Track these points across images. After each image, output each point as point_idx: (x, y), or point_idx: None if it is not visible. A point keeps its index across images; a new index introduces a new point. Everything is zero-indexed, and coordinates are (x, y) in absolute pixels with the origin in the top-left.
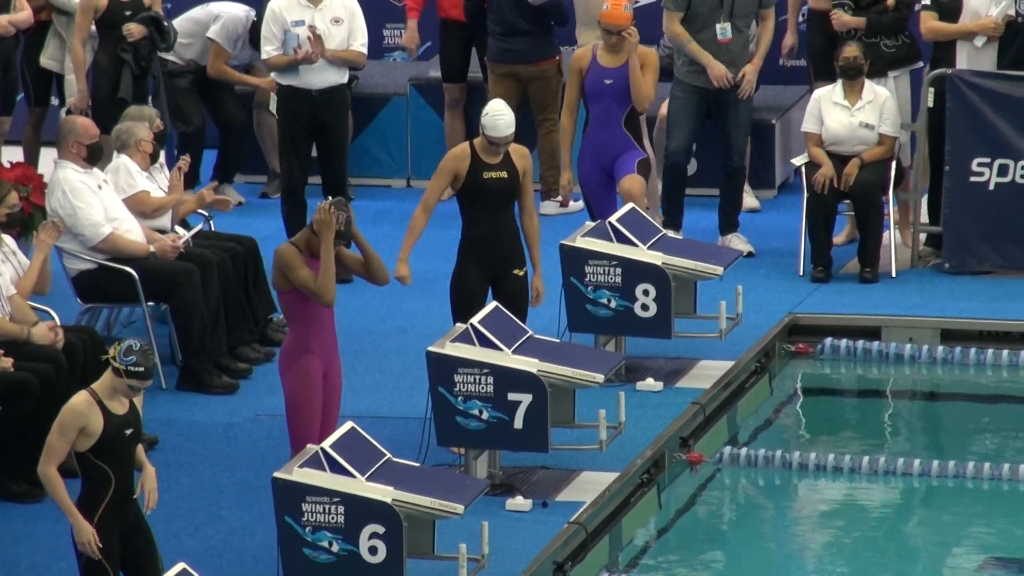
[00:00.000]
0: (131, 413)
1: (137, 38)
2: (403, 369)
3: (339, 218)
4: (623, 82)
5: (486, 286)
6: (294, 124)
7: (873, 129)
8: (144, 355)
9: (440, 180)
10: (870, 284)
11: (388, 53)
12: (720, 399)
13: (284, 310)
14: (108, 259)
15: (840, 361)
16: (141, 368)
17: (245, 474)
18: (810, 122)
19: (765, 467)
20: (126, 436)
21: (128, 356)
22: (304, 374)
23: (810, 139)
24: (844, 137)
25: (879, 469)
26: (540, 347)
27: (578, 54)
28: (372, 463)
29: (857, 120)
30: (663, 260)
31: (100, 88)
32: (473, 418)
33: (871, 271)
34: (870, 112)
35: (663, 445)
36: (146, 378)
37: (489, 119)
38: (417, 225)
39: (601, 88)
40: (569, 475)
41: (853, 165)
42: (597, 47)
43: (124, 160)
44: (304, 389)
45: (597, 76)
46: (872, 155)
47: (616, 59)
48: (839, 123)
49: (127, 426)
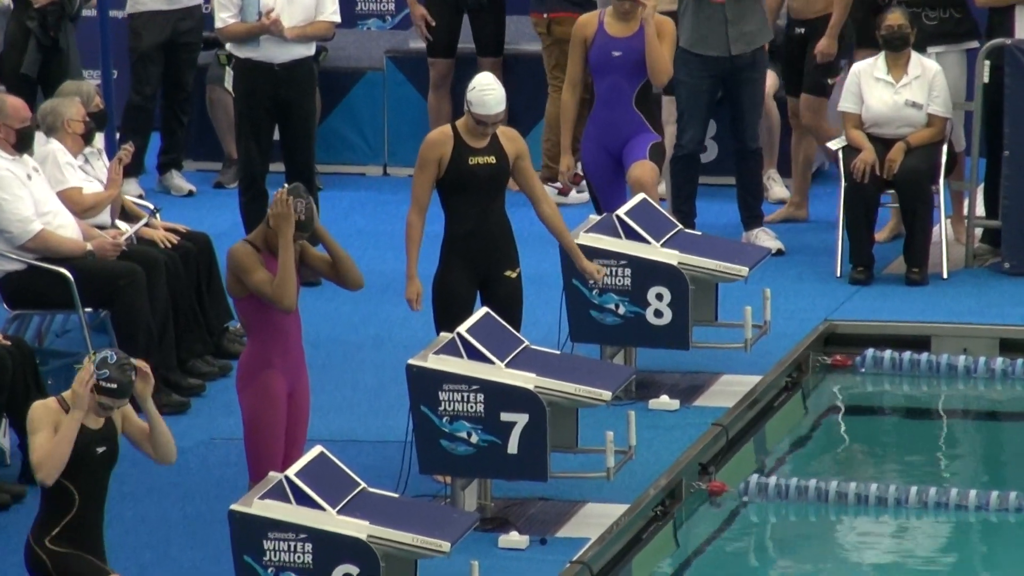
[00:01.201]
0: (107, 429)
1: (43, 3)
2: (379, 386)
3: (298, 207)
4: (634, 54)
5: (474, 290)
6: (253, 103)
7: (921, 108)
8: (121, 370)
9: (426, 172)
10: (918, 287)
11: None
12: (745, 420)
13: (241, 318)
14: (39, 259)
15: (884, 375)
16: (114, 385)
17: (198, 507)
18: (848, 100)
19: (797, 499)
20: (96, 454)
21: (101, 369)
22: (265, 392)
23: (848, 120)
24: (887, 117)
25: (929, 501)
26: (538, 360)
27: (582, 21)
28: (344, 494)
29: (902, 98)
30: (679, 259)
31: (8, 63)
32: (460, 442)
33: (919, 272)
34: (917, 89)
35: (679, 473)
36: (120, 396)
37: (476, 94)
38: (415, 232)
39: (608, 60)
40: (571, 507)
41: (898, 150)
42: (604, 13)
43: (53, 147)
44: (265, 409)
45: (604, 47)
46: (920, 138)
47: (626, 27)
48: (881, 101)
49: (100, 443)
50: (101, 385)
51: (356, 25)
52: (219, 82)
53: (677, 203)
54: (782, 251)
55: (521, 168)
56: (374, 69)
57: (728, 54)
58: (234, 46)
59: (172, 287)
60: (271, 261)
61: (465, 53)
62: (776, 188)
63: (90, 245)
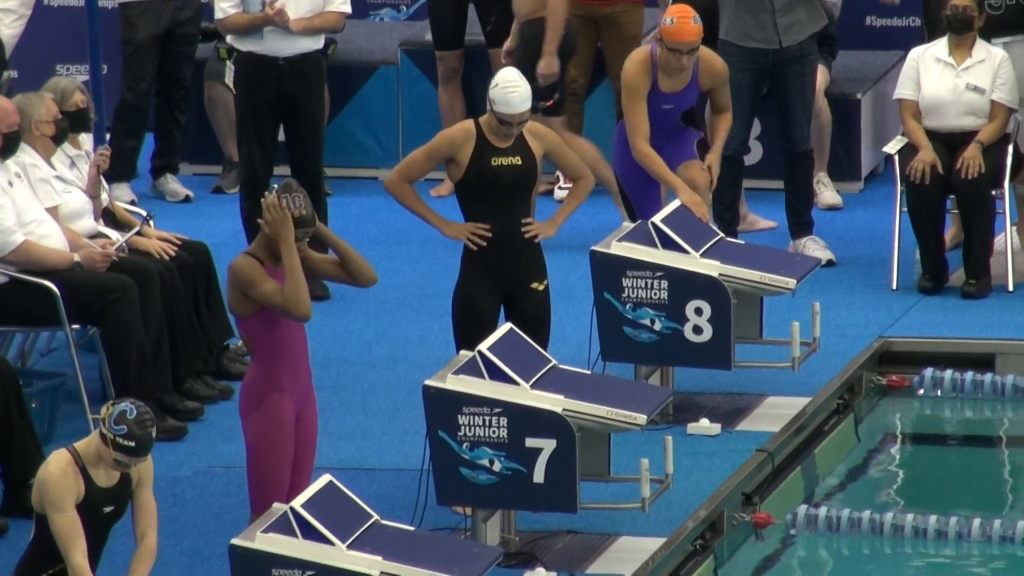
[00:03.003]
0: (119, 487)
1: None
2: (394, 409)
3: (294, 203)
4: (684, 102)
5: (497, 304)
6: (256, 101)
7: (983, 94)
8: (141, 425)
9: (429, 160)
10: (978, 300)
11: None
12: (793, 445)
13: (246, 338)
14: (22, 271)
15: (943, 398)
16: (132, 443)
17: (195, 541)
18: (905, 86)
19: (850, 532)
20: (103, 513)
21: (119, 425)
22: (272, 416)
23: (905, 109)
24: (945, 101)
25: (993, 535)
26: (566, 380)
27: (637, 73)
28: (355, 527)
29: (963, 81)
30: (720, 271)
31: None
32: (482, 470)
33: (975, 284)
34: (981, 73)
35: (721, 504)
36: (137, 455)
37: (499, 92)
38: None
39: (660, 113)
40: (603, 541)
41: (975, 148)
42: (657, 70)
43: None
44: (272, 434)
45: (655, 101)
46: (989, 134)
47: (678, 82)
48: (940, 84)
49: (109, 502)
50: (118, 442)
51: (368, 16)
52: (219, 78)
53: (719, 209)
54: (833, 262)
55: (558, 161)
56: (387, 63)
57: (778, 46)
58: (235, 38)
59: (167, 302)
60: (276, 272)
61: (473, 44)
62: (827, 193)
63: (77, 256)
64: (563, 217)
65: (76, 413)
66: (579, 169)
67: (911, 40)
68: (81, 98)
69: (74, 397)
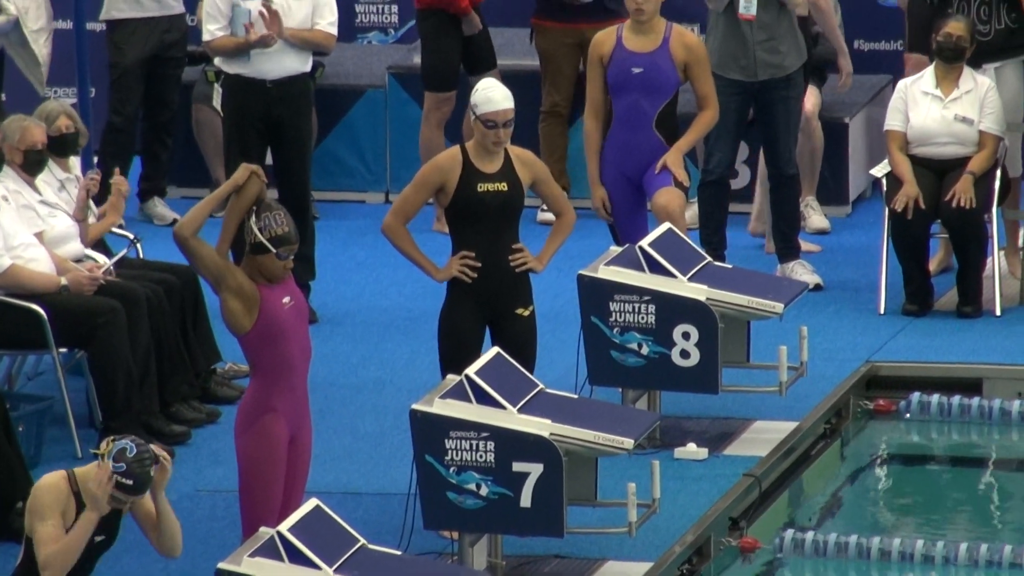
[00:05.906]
0: (110, 517)
1: None
2: (380, 433)
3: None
4: (655, 70)
5: (482, 328)
6: (243, 123)
7: (972, 124)
8: (140, 463)
9: (419, 194)
10: (966, 324)
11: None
12: (780, 470)
13: (247, 355)
14: (9, 294)
15: (931, 422)
16: (130, 481)
17: (181, 565)
18: (894, 119)
19: (837, 556)
20: (94, 543)
21: (118, 462)
22: (265, 436)
23: (892, 140)
24: (934, 132)
25: (980, 559)
26: (553, 404)
27: (599, 38)
28: (342, 551)
29: (951, 113)
30: (708, 294)
31: None
32: (469, 494)
33: (970, 308)
34: (968, 104)
35: (708, 528)
36: (135, 493)
37: (480, 94)
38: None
39: (628, 79)
40: (590, 565)
41: (966, 182)
42: (622, 27)
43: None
44: (265, 455)
45: (623, 63)
46: (980, 164)
47: (647, 41)
48: (928, 116)
49: (101, 531)
50: (117, 480)
51: (355, 39)
52: (206, 101)
53: (705, 233)
54: (820, 286)
55: (543, 192)
56: (375, 87)
57: (755, 79)
58: (223, 61)
59: (155, 325)
60: (267, 291)
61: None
62: (815, 217)
63: (64, 279)
64: (549, 254)
65: (63, 437)
66: (563, 204)
67: (899, 64)
68: (66, 122)
69: (61, 421)
